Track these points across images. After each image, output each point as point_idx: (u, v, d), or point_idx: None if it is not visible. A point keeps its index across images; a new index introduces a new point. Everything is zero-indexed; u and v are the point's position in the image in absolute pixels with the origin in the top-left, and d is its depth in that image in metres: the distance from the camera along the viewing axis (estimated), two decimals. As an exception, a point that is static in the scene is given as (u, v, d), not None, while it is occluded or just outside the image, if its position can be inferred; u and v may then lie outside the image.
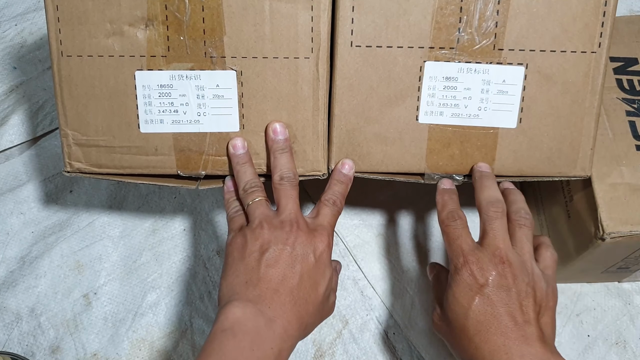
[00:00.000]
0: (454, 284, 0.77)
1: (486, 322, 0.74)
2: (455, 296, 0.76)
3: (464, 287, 0.76)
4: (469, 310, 0.75)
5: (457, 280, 0.77)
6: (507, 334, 0.73)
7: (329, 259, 0.80)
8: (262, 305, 0.73)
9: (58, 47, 0.82)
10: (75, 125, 0.85)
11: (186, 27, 0.80)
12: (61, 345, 1.06)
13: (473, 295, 0.75)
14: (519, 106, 0.84)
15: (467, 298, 0.75)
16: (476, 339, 0.74)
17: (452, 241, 0.80)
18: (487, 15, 0.80)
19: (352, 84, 0.83)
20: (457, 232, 0.80)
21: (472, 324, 0.74)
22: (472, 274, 0.76)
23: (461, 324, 0.76)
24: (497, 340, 0.73)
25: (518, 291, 0.75)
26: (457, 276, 0.77)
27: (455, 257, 0.78)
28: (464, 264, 0.77)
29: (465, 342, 0.75)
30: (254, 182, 0.83)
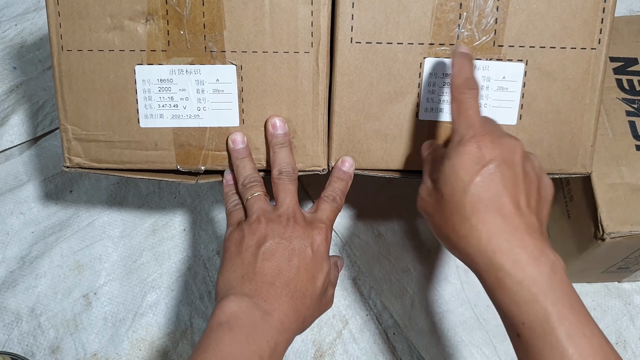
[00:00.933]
0: (456, 155, 0.69)
1: (488, 199, 0.67)
2: (455, 168, 0.69)
3: (467, 159, 0.68)
4: (469, 185, 0.67)
5: (459, 152, 0.69)
6: (509, 218, 0.67)
7: (327, 252, 0.80)
8: (258, 299, 0.73)
9: (58, 42, 0.82)
10: (75, 120, 0.85)
11: (186, 22, 0.80)
12: (61, 345, 1.06)
13: (478, 169, 0.67)
14: (519, 103, 0.84)
15: (469, 172, 0.68)
16: (473, 219, 0.67)
17: (463, 110, 0.72)
18: (486, 12, 0.80)
19: (352, 81, 0.83)
20: (471, 103, 0.72)
21: (471, 201, 0.67)
22: (480, 147, 0.68)
23: (457, 199, 0.68)
24: (497, 223, 0.66)
25: (525, 174, 0.70)
26: (461, 147, 0.69)
27: (464, 128, 0.70)
28: (473, 136, 0.69)
29: (457, 221, 0.68)
30: (253, 177, 0.83)
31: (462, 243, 0.69)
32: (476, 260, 0.67)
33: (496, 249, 0.65)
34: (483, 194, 0.67)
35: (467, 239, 0.68)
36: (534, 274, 0.64)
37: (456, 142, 0.70)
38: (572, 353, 0.61)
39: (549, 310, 0.62)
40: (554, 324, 0.62)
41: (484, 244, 0.66)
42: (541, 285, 0.63)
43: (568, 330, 0.62)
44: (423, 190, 0.75)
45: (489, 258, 0.66)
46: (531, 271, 0.64)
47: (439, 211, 0.72)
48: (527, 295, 0.63)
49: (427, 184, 0.75)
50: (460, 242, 0.69)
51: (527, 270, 0.64)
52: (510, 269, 0.64)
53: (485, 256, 0.66)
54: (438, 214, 0.72)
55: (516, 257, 0.64)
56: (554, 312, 0.62)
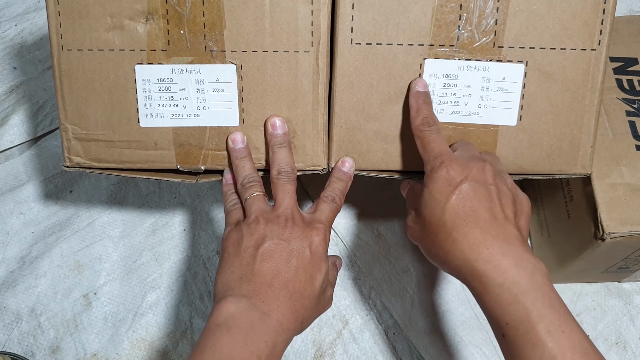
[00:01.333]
0: (431, 182, 0.76)
1: (464, 214, 0.73)
2: (432, 193, 0.75)
3: (441, 183, 0.75)
4: (446, 205, 0.74)
5: (433, 178, 0.76)
6: (487, 229, 0.72)
7: (325, 253, 0.80)
8: (256, 300, 0.73)
9: (58, 41, 0.82)
10: (75, 119, 0.85)
11: (186, 21, 0.80)
12: (61, 345, 1.06)
13: (452, 190, 0.74)
14: (519, 104, 0.84)
15: (444, 193, 0.74)
16: (454, 233, 0.73)
17: (426, 144, 0.79)
18: (486, 13, 0.80)
19: (352, 82, 0.83)
20: (432, 136, 0.79)
21: (450, 218, 0.73)
22: (450, 171, 0.75)
23: (437, 219, 0.75)
24: (476, 234, 0.72)
25: (497, 189, 0.76)
26: (434, 174, 0.76)
27: (433, 159, 0.77)
28: (441, 162, 0.76)
29: (441, 238, 0.74)
30: (253, 177, 0.83)
31: (449, 257, 0.74)
32: (462, 270, 0.73)
33: (478, 257, 0.71)
34: (460, 210, 0.73)
35: (452, 252, 0.73)
36: (515, 277, 0.68)
37: (429, 171, 0.77)
38: (552, 347, 0.64)
39: (529, 309, 0.66)
40: (533, 321, 0.66)
41: (466, 255, 0.72)
42: (521, 286, 0.68)
43: (547, 327, 0.65)
44: (409, 220, 0.82)
45: (472, 266, 0.71)
46: (512, 275, 0.68)
47: (425, 234, 0.78)
48: (508, 296, 0.68)
49: (411, 214, 0.82)
50: (447, 256, 0.74)
51: (508, 274, 0.69)
52: (491, 274, 0.69)
53: (469, 265, 0.71)
54: (425, 236, 0.79)
55: (497, 262, 0.70)
56: (533, 311, 0.66)
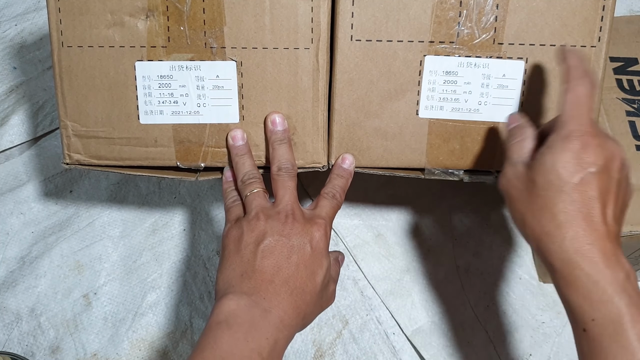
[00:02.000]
0: (560, 150, 0.68)
1: (580, 204, 0.67)
2: (557, 164, 0.68)
3: (571, 157, 0.67)
4: (566, 185, 0.67)
5: (565, 147, 0.68)
6: (595, 224, 0.67)
7: (326, 248, 0.80)
8: (257, 297, 0.73)
9: (59, 38, 0.82)
10: (75, 116, 0.85)
11: (186, 18, 0.81)
12: (61, 345, 1.06)
13: (579, 170, 0.67)
14: (519, 100, 0.84)
15: (570, 171, 0.67)
16: (561, 217, 0.67)
17: (577, 105, 0.70)
18: (486, 10, 0.80)
19: (352, 78, 0.83)
20: (587, 99, 0.70)
21: (564, 200, 0.68)
22: (586, 147, 0.67)
23: (551, 195, 0.69)
24: (584, 226, 0.67)
25: (619, 182, 0.69)
26: (567, 143, 0.68)
27: (575, 123, 0.69)
28: (582, 134, 0.68)
29: (545, 215, 0.69)
30: (253, 174, 0.83)
31: (545, 238, 0.69)
32: (555, 256, 0.68)
33: (578, 249, 0.66)
34: (577, 196, 0.67)
35: (552, 235, 0.68)
36: (610, 277, 0.65)
37: (563, 136, 0.69)
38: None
39: (623, 311, 0.64)
40: (626, 325, 0.64)
41: (567, 243, 0.67)
42: (616, 287, 0.65)
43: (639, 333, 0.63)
44: (510, 172, 0.74)
45: (569, 256, 0.67)
46: (608, 274, 0.65)
47: (526, 199, 0.72)
48: (602, 294, 0.65)
49: (516, 167, 0.74)
50: (543, 236, 0.70)
51: (604, 273, 0.65)
52: (588, 269, 0.66)
53: (565, 253, 0.67)
54: (524, 201, 0.72)
55: (595, 259, 0.66)
56: (627, 314, 0.64)
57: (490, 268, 1.10)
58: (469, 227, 1.14)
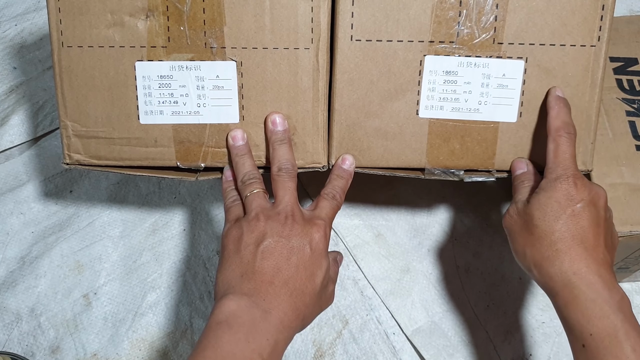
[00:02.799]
0: (553, 190, 0.78)
1: (575, 231, 0.76)
2: (551, 200, 0.77)
3: (562, 194, 0.77)
4: (561, 216, 0.76)
5: (556, 187, 0.78)
6: (590, 250, 0.75)
7: (326, 249, 0.79)
8: (257, 298, 0.73)
9: (59, 38, 0.82)
10: (75, 116, 0.85)
11: (186, 18, 0.81)
12: (61, 345, 1.06)
13: (570, 204, 0.76)
14: (519, 100, 0.84)
15: (563, 205, 0.76)
16: (559, 245, 0.76)
17: (560, 153, 0.79)
18: (486, 9, 0.80)
19: (352, 79, 0.83)
20: (568, 146, 0.80)
21: (560, 229, 0.76)
22: (574, 187, 0.77)
23: (548, 226, 0.77)
24: (580, 251, 0.75)
25: (606, 219, 0.79)
26: (558, 184, 0.78)
27: (562, 168, 0.78)
28: (569, 176, 0.77)
29: (544, 244, 0.77)
30: (253, 174, 0.82)
31: (545, 263, 0.77)
32: (555, 279, 0.76)
33: (576, 271, 0.74)
34: (571, 225, 0.76)
35: (551, 260, 0.76)
36: (607, 297, 0.73)
37: (552, 179, 0.78)
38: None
39: (618, 326, 0.70)
40: (621, 338, 0.70)
41: (565, 266, 0.75)
42: (612, 306, 0.72)
43: (634, 345, 0.70)
44: (513, 211, 0.83)
45: (568, 278, 0.74)
46: (605, 294, 0.73)
47: (525, 232, 0.80)
48: (599, 311, 0.72)
49: (517, 206, 0.82)
50: (543, 263, 0.77)
51: (601, 293, 0.73)
52: (586, 289, 0.73)
53: (565, 275, 0.75)
54: (524, 234, 0.80)
55: (592, 280, 0.74)
56: (621, 329, 0.70)
57: (490, 268, 1.10)
58: (469, 227, 1.14)
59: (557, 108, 0.81)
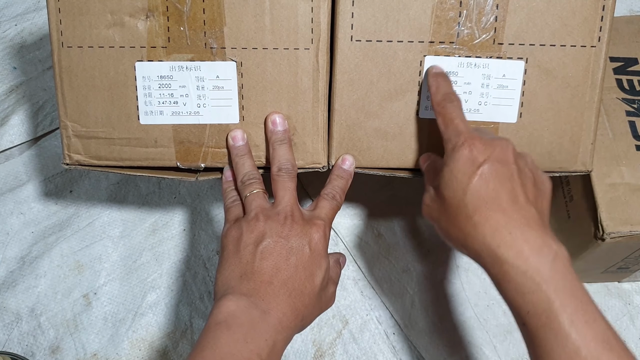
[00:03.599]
0: (452, 161, 0.73)
1: (487, 197, 0.71)
2: (454, 172, 0.73)
3: (463, 162, 0.72)
4: (468, 186, 0.71)
5: (455, 157, 0.73)
6: (509, 212, 0.70)
7: (325, 249, 0.80)
8: (256, 298, 0.73)
9: (59, 38, 0.82)
10: (75, 116, 0.85)
11: (186, 18, 0.81)
12: (61, 345, 1.06)
13: (474, 170, 0.71)
14: (519, 101, 0.84)
15: (467, 174, 0.72)
16: (475, 217, 0.71)
17: (449, 122, 0.76)
18: (486, 10, 0.81)
19: (352, 79, 0.83)
20: (455, 113, 0.77)
21: (471, 200, 0.71)
22: (473, 149, 0.72)
23: (458, 200, 0.72)
24: (498, 218, 0.70)
25: (519, 169, 0.73)
26: (455, 154, 0.73)
27: (454, 136, 0.74)
28: (464, 141, 0.73)
29: (461, 220, 0.73)
30: (252, 174, 0.82)
31: (468, 241, 0.72)
32: (483, 255, 0.71)
33: (500, 243, 0.69)
34: (482, 192, 0.71)
35: (473, 236, 0.71)
36: (537, 264, 0.67)
37: (450, 150, 0.75)
38: (575, 338, 0.64)
39: (552, 298, 0.65)
40: (556, 311, 0.65)
41: (488, 240, 0.70)
42: (544, 274, 0.66)
43: (570, 317, 0.64)
44: (427, 198, 0.79)
45: (494, 252, 0.69)
46: (534, 262, 0.67)
47: (444, 215, 0.76)
48: (530, 285, 0.67)
49: (429, 192, 0.79)
50: (467, 240, 0.73)
51: (530, 261, 0.67)
52: (513, 261, 0.68)
53: (490, 250, 0.69)
54: (443, 217, 0.76)
55: (519, 248, 0.68)
56: (556, 300, 0.65)
57: (490, 268, 1.10)
58: (469, 227, 1.14)
59: (435, 84, 0.80)
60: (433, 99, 0.79)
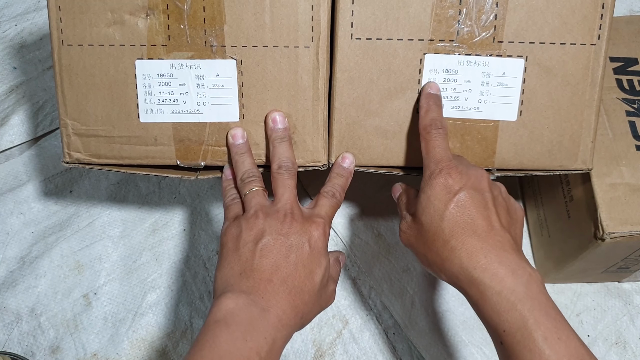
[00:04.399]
0: (430, 188, 0.77)
1: (463, 223, 0.74)
2: (430, 199, 0.76)
3: (440, 189, 0.76)
4: (445, 212, 0.75)
5: (433, 185, 0.76)
6: (484, 237, 0.73)
7: (325, 247, 0.79)
8: (255, 296, 0.73)
9: (59, 36, 0.82)
10: (75, 114, 0.85)
11: (186, 16, 0.81)
12: (61, 345, 1.06)
13: (450, 197, 0.75)
14: (519, 99, 0.84)
15: (443, 200, 0.75)
16: (452, 241, 0.74)
17: (430, 148, 0.79)
18: (486, 8, 0.81)
19: (352, 77, 0.83)
20: (438, 141, 0.79)
21: (448, 226, 0.74)
22: (448, 178, 0.76)
23: (436, 226, 0.75)
24: (474, 242, 0.73)
25: (493, 197, 0.77)
26: (433, 181, 0.76)
27: (434, 164, 0.77)
28: (442, 169, 0.76)
29: (439, 245, 0.75)
30: (252, 172, 0.82)
31: (446, 265, 0.75)
32: (460, 278, 0.74)
33: (476, 265, 0.72)
34: (458, 218, 0.75)
35: (450, 260, 0.74)
36: (512, 285, 0.70)
37: (427, 177, 0.78)
38: (549, 354, 0.66)
39: (527, 316, 0.68)
40: (530, 328, 0.67)
41: (464, 263, 0.73)
42: (519, 294, 0.69)
43: (544, 334, 0.67)
44: (403, 225, 0.82)
45: (470, 274, 0.72)
46: (509, 283, 0.70)
47: (421, 240, 0.79)
48: (506, 304, 0.69)
49: (406, 219, 0.82)
50: (444, 264, 0.75)
51: (505, 282, 0.70)
52: (489, 282, 0.71)
53: (467, 273, 0.73)
54: (421, 243, 0.79)
55: (494, 271, 0.71)
56: (530, 318, 0.68)
57: (490, 268, 1.10)
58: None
59: (425, 106, 0.82)
60: (420, 122, 0.81)
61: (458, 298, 1.09)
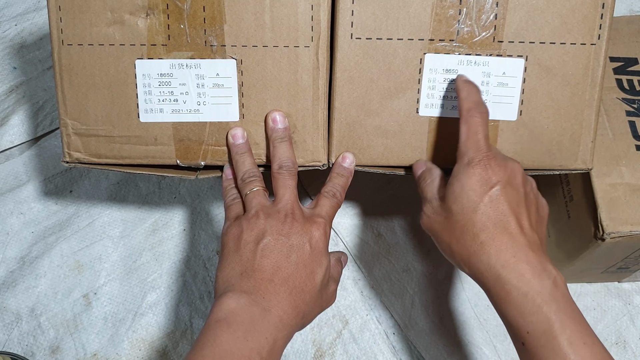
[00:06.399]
0: (466, 177, 0.74)
1: (496, 218, 0.73)
2: (465, 189, 0.74)
3: (477, 180, 0.74)
4: (479, 204, 0.73)
5: (469, 173, 0.74)
6: (514, 235, 0.72)
7: (326, 247, 0.79)
8: (257, 296, 0.73)
9: (59, 36, 0.82)
10: (75, 114, 0.85)
11: (187, 16, 0.81)
12: (61, 345, 1.06)
13: (486, 189, 0.73)
14: (519, 98, 0.84)
15: (478, 192, 0.73)
16: (482, 236, 0.73)
17: (472, 134, 0.76)
18: (486, 8, 0.81)
19: (352, 77, 0.83)
20: (481, 127, 0.76)
21: (480, 219, 0.73)
22: (488, 169, 0.74)
23: (467, 217, 0.74)
24: (504, 240, 0.72)
25: (526, 194, 0.76)
26: (470, 169, 0.74)
27: (473, 151, 0.75)
28: (481, 159, 0.74)
29: (467, 238, 0.74)
30: (253, 172, 0.82)
31: (472, 259, 0.74)
32: (485, 275, 0.73)
33: (504, 264, 0.71)
34: (491, 212, 0.73)
35: (477, 255, 0.73)
36: (538, 287, 0.69)
37: (465, 164, 0.75)
38: (573, 359, 0.66)
39: (552, 319, 0.68)
40: (556, 332, 0.67)
41: (492, 260, 0.72)
42: (544, 297, 0.69)
43: (570, 338, 0.67)
44: (428, 209, 0.80)
45: (497, 272, 0.71)
46: (535, 284, 0.70)
47: (447, 229, 0.77)
48: (531, 306, 0.69)
49: (432, 203, 0.80)
50: (470, 258, 0.74)
51: (532, 284, 0.70)
52: (516, 283, 0.70)
53: (494, 271, 0.72)
54: (446, 231, 0.77)
55: (521, 271, 0.70)
56: (556, 321, 0.67)
57: (490, 268, 1.10)
58: (469, 227, 1.14)
59: (466, 89, 0.79)
60: (462, 105, 0.78)
61: (458, 298, 1.09)
